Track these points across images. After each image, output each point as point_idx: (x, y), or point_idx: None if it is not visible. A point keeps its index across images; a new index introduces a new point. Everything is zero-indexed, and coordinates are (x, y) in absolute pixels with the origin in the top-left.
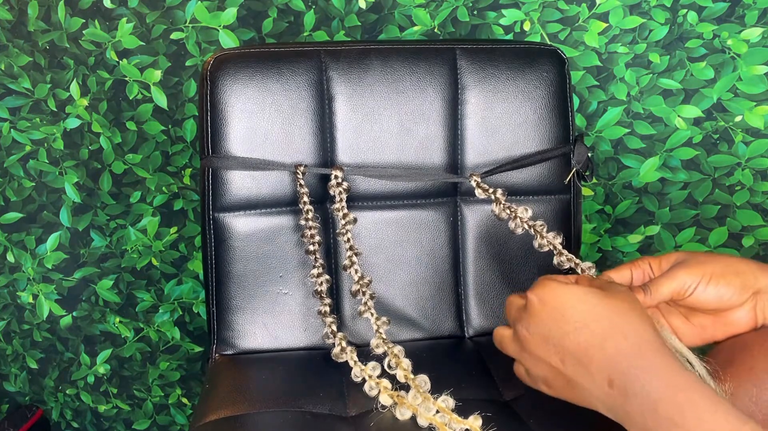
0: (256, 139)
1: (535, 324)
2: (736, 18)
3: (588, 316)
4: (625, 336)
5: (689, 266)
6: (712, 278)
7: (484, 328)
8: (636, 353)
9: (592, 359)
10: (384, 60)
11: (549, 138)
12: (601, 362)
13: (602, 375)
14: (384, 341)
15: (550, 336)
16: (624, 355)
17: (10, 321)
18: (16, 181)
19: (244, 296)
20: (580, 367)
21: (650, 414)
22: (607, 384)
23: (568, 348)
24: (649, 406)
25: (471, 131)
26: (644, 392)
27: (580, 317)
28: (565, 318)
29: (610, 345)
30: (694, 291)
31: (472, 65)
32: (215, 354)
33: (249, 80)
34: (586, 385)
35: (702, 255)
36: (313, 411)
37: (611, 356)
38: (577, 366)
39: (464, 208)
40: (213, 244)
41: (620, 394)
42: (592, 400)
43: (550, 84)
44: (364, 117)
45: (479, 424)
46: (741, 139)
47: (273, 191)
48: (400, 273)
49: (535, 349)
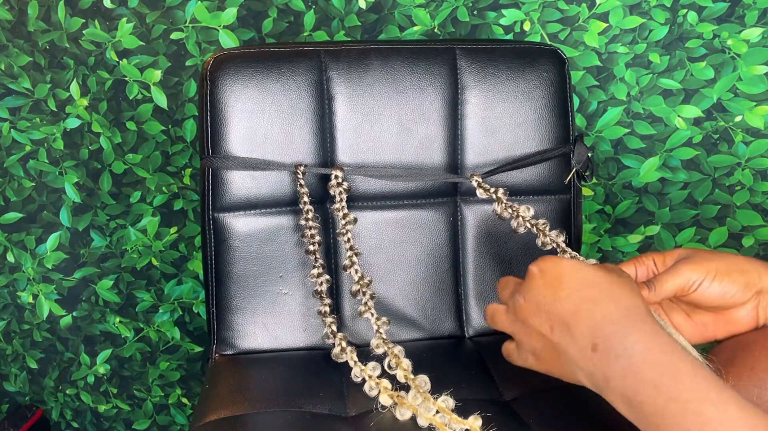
0: (256, 139)
1: (532, 291)
2: (736, 18)
3: (581, 283)
4: (614, 302)
5: (694, 262)
6: (717, 275)
7: (484, 328)
8: (622, 318)
9: (579, 322)
10: (384, 60)
11: (549, 138)
12: (587, 326)
13: (587, 339)
14: (384, 341)
15: (543, 302)
16: (611, 320)
17: (10, 321)
18: (16, 181)
19: (244, 296)
20: (567, 333)
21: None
22: (591, 348)
23: (558, 313)
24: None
25: (471, 131)
26: (626, 354)
27: (573, 284)
28: (561, 286)
29: (598, 310)
30: (698, 287)
31: (472, 65)
32: (215, 354)
33: (249, 80)
34: (570, 352)
35: (707, 252)
36: (313, 411)
37: (598, 320)
38: (564, 332)
39: (464, 207)
40: (213, 244)
41: (602, 358)
42: (574, 369)
43: (550, 84)
44: (364, 117)
45: (479, 424)
46: (741, 139)
47: (273, 191)
48: (400, 273)
49: (528, 317)
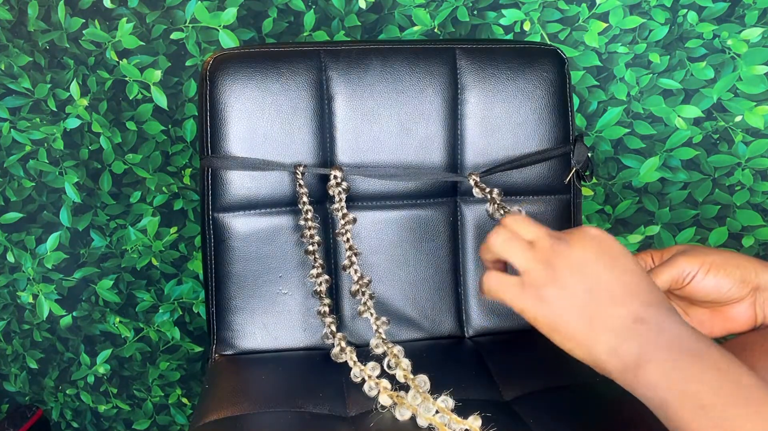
0: (255, 139)
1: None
2: (736, 18)
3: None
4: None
5: (690, 255)
6: (712, 267)
7: (484, 328)
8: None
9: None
10: (384, 60)
11: (549, 138)
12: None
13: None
14: (384, 341)
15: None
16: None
17: (10, 321)
18: (16, 181)
19: (244, 296)
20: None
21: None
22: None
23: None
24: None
25: (471, 131)
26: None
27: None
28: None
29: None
30: (692, 279)
31: (472, 65)
32: (215, 355)
33: (248, 80)
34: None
35: (704, 247)
36: (313, 411)
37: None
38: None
39: (464, 207)
40: (213, 244)
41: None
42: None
43: (550, 84)
44: (363, 117)
45: (479, 424)
46: (741, 139)
47: (272, 191)
48: (399, 273)
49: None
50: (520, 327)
